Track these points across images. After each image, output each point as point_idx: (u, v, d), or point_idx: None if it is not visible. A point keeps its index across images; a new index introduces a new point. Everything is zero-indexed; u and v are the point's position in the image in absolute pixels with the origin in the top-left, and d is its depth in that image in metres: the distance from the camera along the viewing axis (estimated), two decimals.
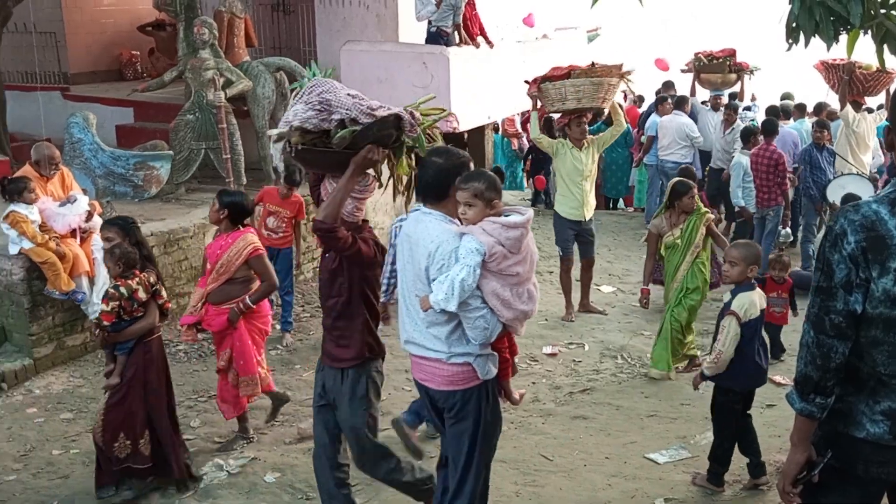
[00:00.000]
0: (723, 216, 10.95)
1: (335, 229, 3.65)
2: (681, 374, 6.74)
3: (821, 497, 2.60)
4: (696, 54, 11.76)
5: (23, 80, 11.69)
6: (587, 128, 7.80)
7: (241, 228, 5.51)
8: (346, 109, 3.66)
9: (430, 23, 9.78)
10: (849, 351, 2.45)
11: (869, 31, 4.24)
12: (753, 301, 4.58)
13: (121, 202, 8.14)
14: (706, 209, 6.80)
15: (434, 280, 3.29)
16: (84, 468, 5.35)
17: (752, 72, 11.87)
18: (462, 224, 3.40)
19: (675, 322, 6.64)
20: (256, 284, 5.45)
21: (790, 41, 4.24)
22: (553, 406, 6.29)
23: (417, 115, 3.79)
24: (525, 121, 14.24)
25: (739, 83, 11.84)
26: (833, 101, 11.37)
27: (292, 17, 11.54)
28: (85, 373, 6.83)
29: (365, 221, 4.01)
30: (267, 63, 9.49)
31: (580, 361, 7.19)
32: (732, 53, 11.53)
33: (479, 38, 10.32)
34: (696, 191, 6.67)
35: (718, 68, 11.55)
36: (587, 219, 7.97)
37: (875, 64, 9.87)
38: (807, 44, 4.22)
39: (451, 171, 3.45)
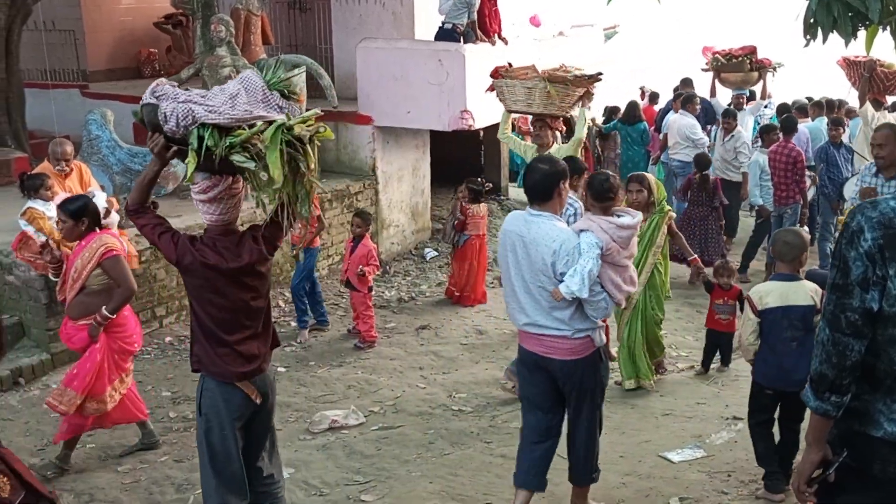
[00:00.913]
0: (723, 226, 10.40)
1: (137, 213, 3.71)
2: (683, 376, 6.72)
3: (836, 497, 2.58)
4: (714, 54, 11.39)
5: (42, 78, 11.79)
6: (550, 134, 6.91)
7: (98, 231, 5.06)
8: (147, 92, 3.54)
9: (443, 19, 9.76)
10: (865, 349, 2.42)
11: (888, 28, 4.21)
12: (773, 290, 4.45)
13: None
14: (669, 208, 6.42)
15: (562, 273, 3.88)
16: (100, 462, 5.40)
17: (774, 69, 11.46)
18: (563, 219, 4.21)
19: (639, 336, 6.31)
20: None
21: (808, 37, 4.21)
22: None
23: (202, 114, 3.37)
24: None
25: (761, 82, 11.48)
26: (853, 98, 11.26)
27: (308, 15, 11.56)
28: None
29: (273, 225, 3.71)
30: (283, 60, 9.50)
31: None
32: (752, 51, 11.15)
33: (494, 36, 10.30)
34: (644, 184, 6.13)
35: (738, 67, 11.15)
36: None
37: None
38: (825, 40, 4.19)
39: (555, 175, 3.98)
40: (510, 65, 6.99)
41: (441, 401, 6.43)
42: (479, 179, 9.27)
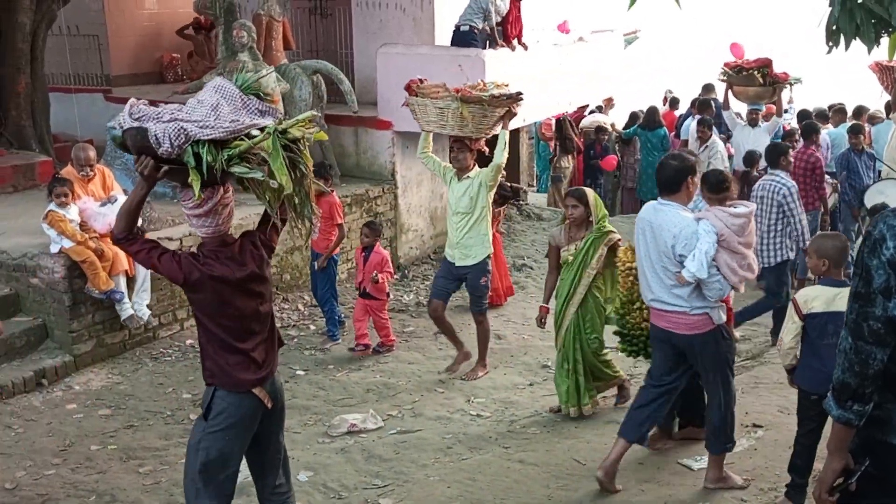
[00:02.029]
0: None
1: (121, 240, 3.52)
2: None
3: None
4: (724, 65, 10.63)
5: (66, 82, 11.92)
6: (469, 156, 6.50)
7: None
8: (124, 115, 3.40)
9: (456, 22, 9.78)
10: (888, 357, 2.41)
11: None
12: (820, 295, 4.39)
13: (160, 202, 8.26)
14: (611, 229, 5.87)
15: (680, 255, 4.41)
16: (122, 464, 5.45)
17: (790, 84, 10.73)
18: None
19: (578, 361, 5.94)
20: None
21: (830, 44, 4.19)
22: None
23: (194, 130, 3.27)
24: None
25: (777, 96, 10.66)
26: (881, 103, 11.17)
27: (329, 21, 11.62)
28: (123, 370, 6.94)
29: (246, 235, 3.71)
30: (304, 66, 9.57)
31: None
32: (766, 64, 10.23)
33: (514, 41, 10.31)
34: (583, 200, 5.75)
35: (748, 80, 10.27)
36: (457, 264, 6.70)
37: None
38: (847, 46, 4.17)
39: (684, 171, 4.51)
40: (421, 80, 6.54)
41: (459, 405, 6.44)
42: (508, 185, 9.42)
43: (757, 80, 10.15)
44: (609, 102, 14.46)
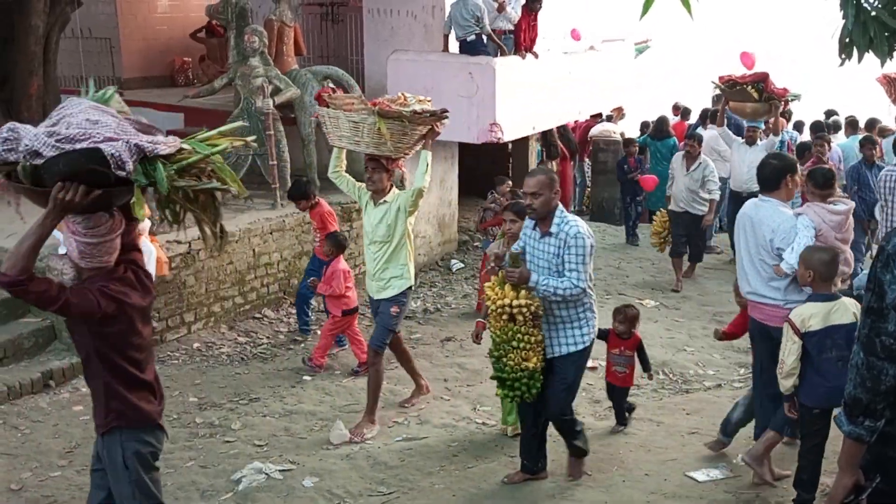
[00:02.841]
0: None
1: (22, 282, 3.10)
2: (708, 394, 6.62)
3: None
4: (719, 79, 9.94)
5: (78, 85, 11.95)
6: (386, 177, 5.88)
7: None
8: (30, 140, 3.02)
9: (457, 37, 9.78)
10: None
11: None
12: (816, 312, 4.34)
13: None
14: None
15: (779, 248, 4.66)
16: None
17: (788, 100, 10.13)
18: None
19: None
20: None
21: (843, 56, 4.17)
22: (593, 420, 6.24)
23: (148, 147, 3.10)
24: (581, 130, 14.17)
25: (774, 114, 9.77)
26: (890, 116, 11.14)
27: (341, 27, 11.66)
28: None
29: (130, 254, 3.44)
30: (315, 71, 9.60)
31: None
32: (762, 78, 9.51)
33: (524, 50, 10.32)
34: (521, 216, 5.33)
35: (742, 95, 9.60)
36: (375, 297, 6.03)
37: None
38: (860, 59, 4.15)
39: (784, 169, 4.81)
40: (333, 90, 6.05)
41: (465, 413, 6.42)
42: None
43: (751, 95, 9.54)
44: (619, 112, 14.46)
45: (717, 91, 10.07)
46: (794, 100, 10.30)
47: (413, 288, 6.22)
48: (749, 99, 9.54)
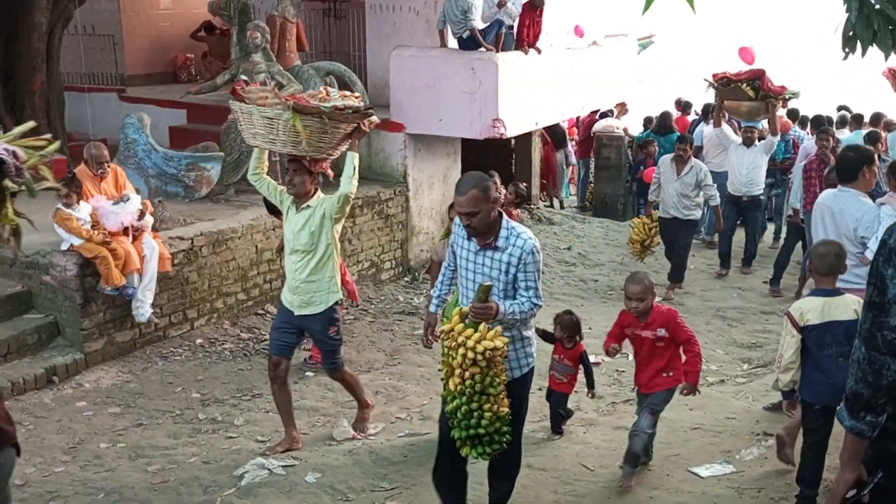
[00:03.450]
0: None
1: None
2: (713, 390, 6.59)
3: None
4: (713, 76, 9.46)
5: (81, 82, 11.99)
6: (309, 181, 5.33)
7: None
8: None
9: (451, 32, 9.73)
10: None
11: None
12: (814, 307, 4.32)
13: (172, 202, 8.29)
14: None
15: (863, 237, 4.86)
16: (130, 462, 5.46)
17: (786, 98, 9.55)
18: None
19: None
20: None
21: (847, 50, 4.15)
22: (595, 416, 6.24)
23: (22, 153, 3.15)
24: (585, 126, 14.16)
25: (771, 112, 9.34)
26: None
27: (343, 23, 11.65)
28: (133, 368, 6.96)
29: None
30: (317, 67, 9.59)
31: (623, 371, 7.11)
32: (758, 75, 9.04)
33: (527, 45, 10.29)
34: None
35: (736, 94, 9.15)
36: (297, 312, 5.41)
37: None
38: (864, 53, 4.13)
39: (861, 160, 5.03)
40: (246, 82, 5.59)
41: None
42: (523, 185, 9.41)
43: (746, 93, 9.07)
44: (622, 108, 14.43)
45: (710, 89, 9.65)
46: (792, 98, 9.71)
47: (341, 302, 5.57)
48: (744, 97, 9.10)
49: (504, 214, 4.06)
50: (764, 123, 10.05)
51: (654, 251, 9.48)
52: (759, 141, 9.71)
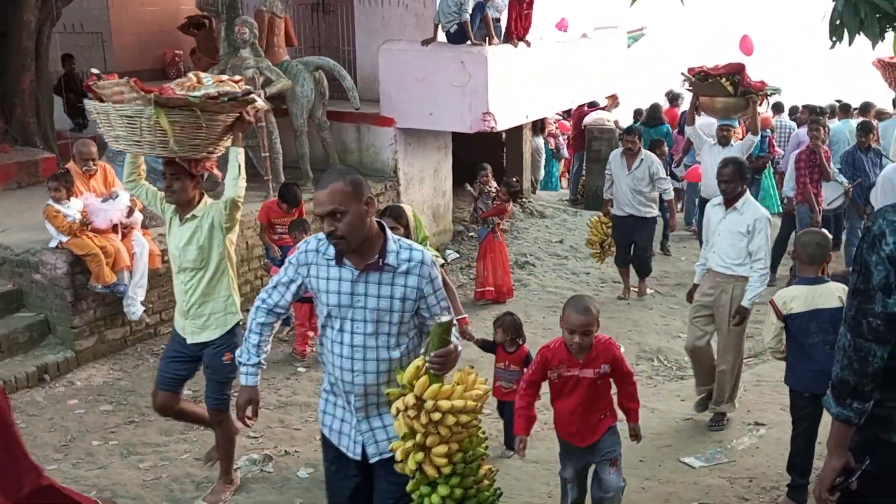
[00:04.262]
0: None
1: None
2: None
3: None
4: (689, 71, 8.70)
5: None
6: (190, 185, 4.53)
7: None
8: None
9: (440, 26, 9.68)
10: (888, 354, 2.38)
11: None
12: (798, 295, 4.36)
13: None
14: (436, 252, 4.98)
15: None
16: (122, 459, 5.45)
17: (766, 94, 8.82)
18: None
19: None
20: None
21: (834, 39, 4.15)
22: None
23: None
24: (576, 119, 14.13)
25: (752, 110, 8.48)
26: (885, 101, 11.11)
27: (332, 17, 11.61)
28: (124, 366, 6.95)
29: None
30: (306, 62, 9.56)
31: None
32: (737, 70, 8.35)
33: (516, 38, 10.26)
34: (401, 220, 4.67)
35: (714, 89, 8.41)
36: (190, 340, 4.67)
37: None
38: (851, 42, 4.13)
39: None
40: (98, 76, 4.53)
41: None
42: (514, 179, 9.45)
43: (725, 89, 8.31)
44: (613, 100, 14.44)
45: (685, 83, 8.86)
46: (773, 94, 9.01)
47: (242, 323, 4.54)
48: (723, 93, 8.33)
49: (385, 226, 3.11)
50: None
51: (615, 252, 9.06)
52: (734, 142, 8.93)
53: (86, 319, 6.91)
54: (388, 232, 3.09)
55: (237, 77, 4.71)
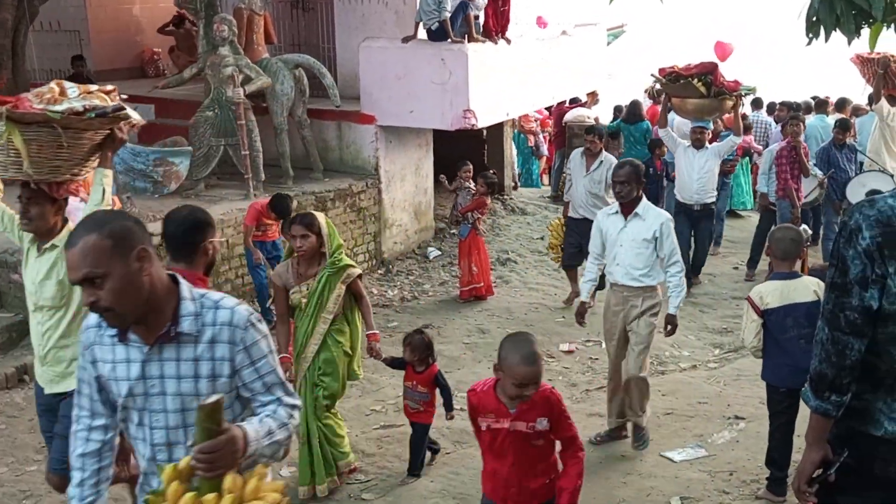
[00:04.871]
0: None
1: None
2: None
3: (837, 497, 2.56)
4: (660, 71, 8.37)
5: (48, 78, 11.79)
6: (50, 211, 3.98)
7: None
8: None
9: (421, 25, 9.65)
10: (865, 348, 2.41)
11: (892, 25, 4.19)
12: (773, 290, 4.39)
13: (141, 198, 8.20)
14: (349, 262, 4.79)
15: None
16: None
17: (741, 95, 8.54)
18: None
19: (322, 430, 4.85)
20: None
21: (810, 35, 4.19)
22: (570, 403, 6.25)
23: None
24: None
25: (728, 111, 8.45)
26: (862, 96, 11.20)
27: (311, 15, 11.56)
28: None
29: None
30: (286, 60, 9.52)
31: (597, 359, 7.16)
32: (709, 70, 8.06)
33: (496, 35, 10.26)
34: (313, 229, 4.56)
35: (685, 90, 8.10)
36: (48, 390, 4.13)
37: None
38: (827, 38, 4.17)
39: None
40: None
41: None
42: (491, 172, 9.45)
43: (697, 90, 8.02)
44: (593, 97, 14.48)
45: (656, 84, 8.50)
46: (748, 94, 8.67)
47: None
48: (695, 94, 8.06)
49: (181, 280, 2.38)
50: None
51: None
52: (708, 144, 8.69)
53: None
54: (184, 287, 2.34)
55: (108, 87, 4.16)
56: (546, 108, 13.95)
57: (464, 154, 10.37)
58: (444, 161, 11.11)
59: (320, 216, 4.71)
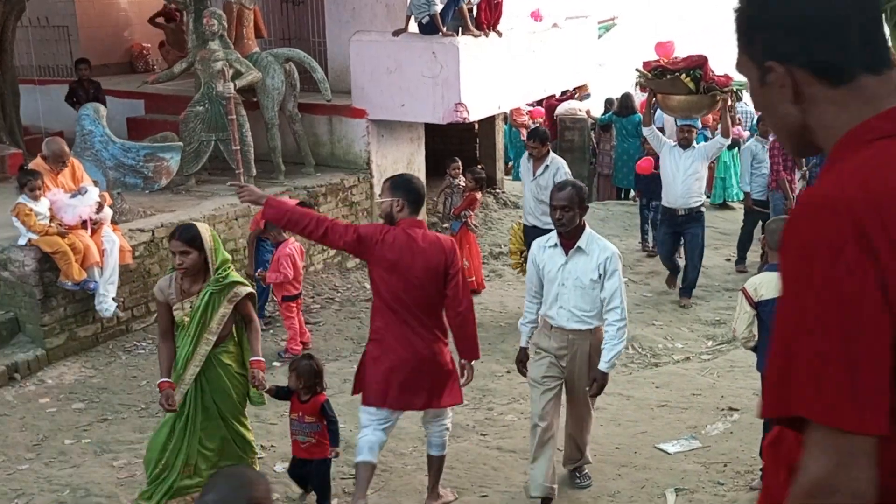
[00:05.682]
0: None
1: None
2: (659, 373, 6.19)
3: None
4: (644, 65, 7.86)
5: (36, 74, 11.73)
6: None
7: None
8: None
9: (413, 18, 9.60)
10: None
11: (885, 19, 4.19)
12: (770, 282, 4.31)
13: (131, 193, 8.17)
14: (239, 279, 4.39)
15: None
16: (96, 458, 5.39)
17: (733, 91, 7.90)
18: None
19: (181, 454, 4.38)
20: None
21: None
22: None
23: None
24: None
25: (719, 107, 7.95)
26: None
27: (301, 8, 11.52)
28: (96, 363, 6.86)
29: None
30: (276, 54, 9.49)
31: None
32: (698, 64, 7.45)
33: (487, 28, 10.23)
34: (195, 244, 4.17)
35: (672, 86, 7.54)
36: None
37: None
38: None
39: None
40: None
41: None
42: (479, 167, 9.45)
43: (685, 85, 7.45)
44: (583, 90, 14.47)
45: (641, 79, 8.03)
46: (739, 90, 8.07)
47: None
48: (682, 90, 7.49)
49: None
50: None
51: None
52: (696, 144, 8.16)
53: (56, 317, 6.82)
54: None
55: None
56: (537, 103, 13.94)
57: (455, 148, 10.38)
58: (436, 155, 11.10)
59: (204, 228, 4.31)
